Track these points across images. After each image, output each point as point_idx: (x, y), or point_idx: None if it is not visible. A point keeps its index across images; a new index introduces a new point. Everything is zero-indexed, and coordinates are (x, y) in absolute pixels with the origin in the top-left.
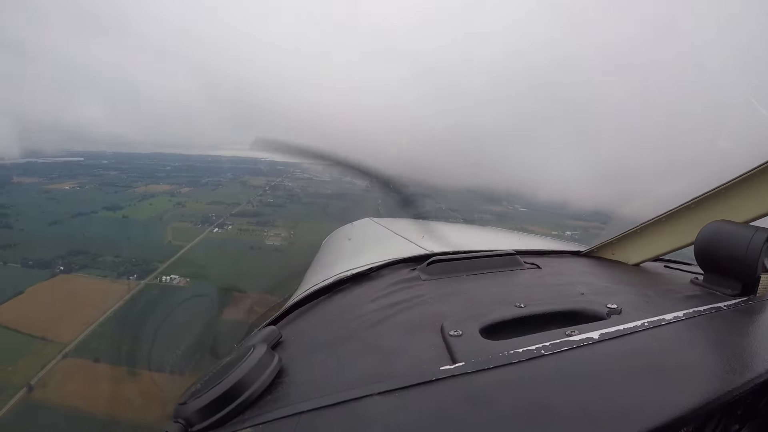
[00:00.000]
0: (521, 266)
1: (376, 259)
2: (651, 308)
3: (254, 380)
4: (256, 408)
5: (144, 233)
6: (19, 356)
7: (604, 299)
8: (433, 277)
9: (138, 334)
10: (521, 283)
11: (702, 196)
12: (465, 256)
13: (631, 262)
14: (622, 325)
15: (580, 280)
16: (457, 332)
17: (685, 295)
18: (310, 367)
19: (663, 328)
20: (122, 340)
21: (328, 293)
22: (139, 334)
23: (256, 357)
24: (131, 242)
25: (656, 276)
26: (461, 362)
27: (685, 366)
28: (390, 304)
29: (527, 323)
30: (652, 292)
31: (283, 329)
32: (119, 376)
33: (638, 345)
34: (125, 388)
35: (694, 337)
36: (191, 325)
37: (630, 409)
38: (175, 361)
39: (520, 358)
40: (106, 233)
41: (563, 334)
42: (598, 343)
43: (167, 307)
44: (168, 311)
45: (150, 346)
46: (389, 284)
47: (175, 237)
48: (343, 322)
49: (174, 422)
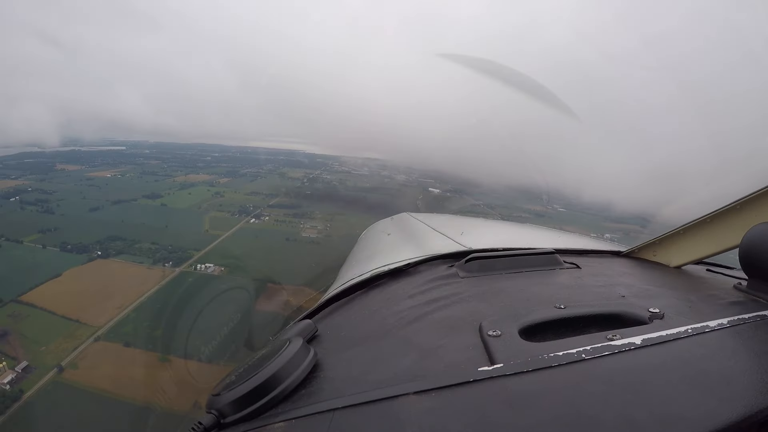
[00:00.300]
0: (561, 266)
1: (413, 255)
2: (694, 314)
3: (289, 374)
4: (289, 402)
5: (181, 222)
6: (53, 338)
7: (645, 302)
8: (471, 275)
9: (169, 322)
10: (561, 283)
11: (749, 197)
12: (504, 253)
13: (673, 264)
14: (664, 330)
15: (621, 282)
16: (495, 332)
17: (728, 301)
18: (345, 363)
19: (707, 335)
20: (153, 327)
21: (365, 288)
22: (171, 322)
23: (292, 351)
24: (168, 230)
25: (698, 280)
26: (500, 364)
27: (729, 376)
28: (427, 301)
29: (567, 325)
30: (694, 297)
31: (318, 323)
32: (149, 362)
33: (682, 352)
34: (153, 373)
35: (739, 346)
36: (223, 314)
37: (672, 419)
38: (205, 350)
39: (561, 361)
40: (144, 220)
41: (604, 338)
42: (640, 348)
43: (201, 296)
44: (201, 300)
45: (181, 334)
46: (426, 281)
47: (212, 226)
48: (379, 318)
49: (207, 413)
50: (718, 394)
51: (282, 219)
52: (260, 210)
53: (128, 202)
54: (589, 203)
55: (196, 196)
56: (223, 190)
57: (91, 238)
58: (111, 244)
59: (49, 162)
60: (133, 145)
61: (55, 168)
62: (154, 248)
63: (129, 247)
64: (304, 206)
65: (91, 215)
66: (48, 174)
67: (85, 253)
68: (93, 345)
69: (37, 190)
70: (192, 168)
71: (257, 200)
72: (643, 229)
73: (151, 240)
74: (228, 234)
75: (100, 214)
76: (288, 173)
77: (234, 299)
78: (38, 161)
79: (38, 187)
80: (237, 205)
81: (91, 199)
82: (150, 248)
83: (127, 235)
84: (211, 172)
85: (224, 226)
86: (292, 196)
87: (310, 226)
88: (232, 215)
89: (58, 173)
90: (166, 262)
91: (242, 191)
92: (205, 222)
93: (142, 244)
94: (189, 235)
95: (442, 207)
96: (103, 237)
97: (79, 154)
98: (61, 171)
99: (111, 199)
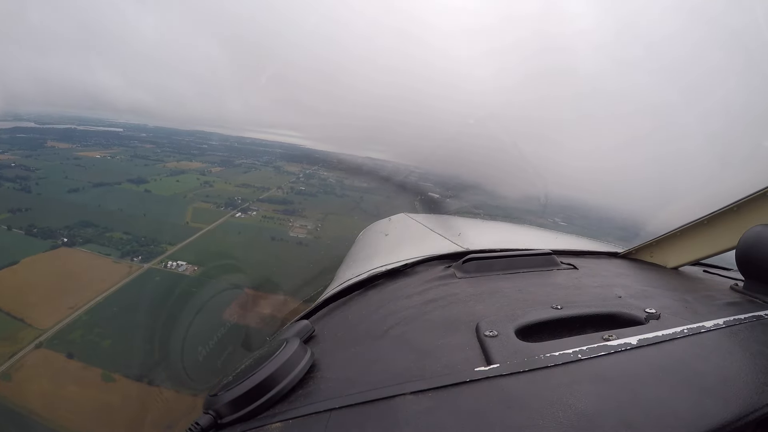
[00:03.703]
0: (558, 266)
1: (410, 255)
2: (690, 314)
3: (286, 375)
4: (287, 402)
5: (162, 211)
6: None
7: (642, 303)
8: (468, 275)
9: (121, 332)
10: (558, 284)
11: (745, 199)
12: (501, 254)
13: (670, 265)
14: (660, 331)
15: (618, 283)
16: (492, 332)
17: (724, 301)
18: (342, 363)
19: (702, 335)
20: (103, 336)
21: (362, 288)
22: (123, 332)
23: (289, 351)
24: (146, 219)
25: (695, 281)
26: (496, 364)
27: (724, 376)
28: (424, 302)
29: (564, 325)
30: (690, 298)
31: (316, 323)
32: (90, 380)
33: (677, 352)
34: (93, 396)
35: (735, 346)
36: (186, 327)
37: (668, 419)
38: (160, 370)
39: (557, 362)
40: (123, 206)
41: (600, 338)
42: (636, 348)
43: (163, 302)
44: (164, 308)
45: (133, 348)
46: (424, 281)
47: (194, 218)
48: (376, 319)
49: (204, 413)
50: (714, 394)
51: (270, 215)
52: (248, 204)
53: (110, 185)
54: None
55: (183, 184)
56: (213, 180)
57: (61, 223)
58: (81, 231)
59: (41, 138)
60: (132, 127)
61: (45, 145)
62: (126, 239)
63: (99, 236)
64: (296, 203)
65: (68, 197)
66: (36, 150)
67: (51, 239)
68: (34, 352)
69: (20, 166)
70: (186, 154)
71: (247, 193)
72: (640, 231)
73: (125, 229)
74: (209, 228)
75: (78, 196)
76: (284, 167)
77: (200, 308)
78: (30, 137)
79: (22, 163)
80: (225, 196)
81: (73, 179)
82: (121, 239)
83: (100, 221)
84: (204, 160)
85: (207, 219)
86: (284, 191)
87: (299, 225)
88: (218, 207)
89: (47, 150)
90: (135, 256)
91: (234, 182)
92: (188, 213)
93: (114, 233)
94: (166, 226)
95: (440, 208)
96: (74, 222)
97: (75, 133)
98: (50, 148)
99: (93, 181)
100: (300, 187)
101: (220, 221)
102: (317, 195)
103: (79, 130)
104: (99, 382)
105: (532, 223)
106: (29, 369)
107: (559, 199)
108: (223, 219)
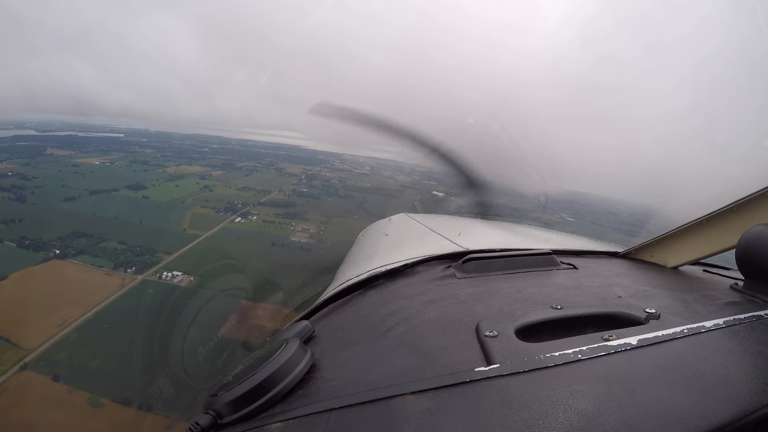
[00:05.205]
0: (557, 266)
1: (410, 256)
2: (690, 314)
3: (286, 375)
4: (286, 403)
5: (159, 218)
6: None
7: (642, 303)
8: (468, 275)
9: (109, 352)
10: (557, 284)
11: (745, 199)
12: (501, 254)
13: (670, 265)
14: (660, 331)
15: (618, 282)
16: (492, 333)
17: (724, 301)
18: (342, 363)
19: (702, 335)
20: (91, 356)
21: (362, 289)
22: (111, 352)
23: (289, 351)
24: (142, 227)
25: (695, 280)
26: (496, 364)
27: (724, 376)
28: (424, 302)
29: (564, 325)
30: (690, 297)
31: (316, 324)
32: (77, 404)
33: (677, 352)
34: (78, 423)
35: (735, 346)
36: (181, 344)
37: (668, 419)
38: (153, 394)
39: (557, 362)
40: (119, 214)
41: (600, 338)
42: (636, 349)
43: (157, 317)
44: (157, 323)
45: (122, 370)
46: (424, 281)
47: (192, 224)
48: (376, 319)
49: (204, 413)
50: (714, 394)
51: (271, 219)
52: (249, 208)
53: (108, 192)
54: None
55: (183, 189)
56: (213, 184)
57: (54, 234)
58: (74, 242)
59: (40, 146)
60: (133, 133)
61: (44, 152)
62: (120, 249)
63: (92, 247)
64: (298, 205)
65: (63, 206)
66: (35, 158)
67: (42, 251)
68: (18, 375)
69: (17, 174)
70: (186, 159)
71: (248, 196)
72: (641, 230)
73: (119, 238)
74: (207, 235)
75: (74, 204)
76: (286, 168)
77: (198, 323)
78: (30, 144)
79: (20, 171)
80: (225, 201)
81: (70, 187)
82: (115, 249)
83: (95, 231)
84: (205, 164)
85: (205, 225)
86: (286, 194)
87: (301, 229)
88: (217, 212)
89: (46, 158)
90: (129, 267)
91: (234, 186)
92: (185, 219)
93: (108, 243)
94: (163, 234)
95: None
96: (67, 232)
97: (75, 139)
98: (49, 155)
99: (91, 189)
100: (302, 189)
101: (219, 227)
102: (320, 197)
103: (79, 137)
104: (85, 407)
105: (540, 220)
106: (11, 394)
107: (568, 195)
108: (222, 225)
